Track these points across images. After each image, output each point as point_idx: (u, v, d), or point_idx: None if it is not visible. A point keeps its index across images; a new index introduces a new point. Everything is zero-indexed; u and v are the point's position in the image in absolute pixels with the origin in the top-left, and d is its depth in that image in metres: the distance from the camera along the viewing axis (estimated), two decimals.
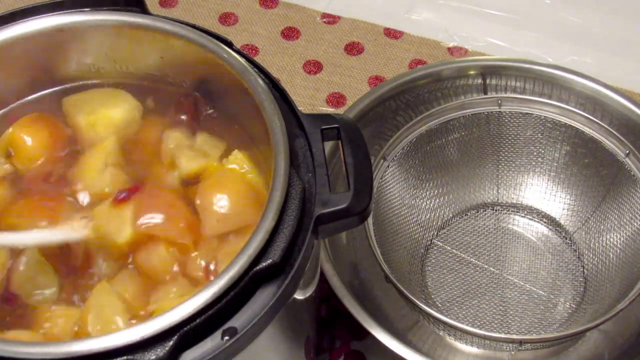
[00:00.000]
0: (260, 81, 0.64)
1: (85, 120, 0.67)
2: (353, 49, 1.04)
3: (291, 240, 0.57)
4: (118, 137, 0.67)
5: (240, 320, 0.55)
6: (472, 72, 0.88)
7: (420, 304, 0.73)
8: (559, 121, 0.84)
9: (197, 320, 0.53)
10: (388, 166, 0.83)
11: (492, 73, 0.88)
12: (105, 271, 0.62)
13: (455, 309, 0.83)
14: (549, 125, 0.85)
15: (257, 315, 0.55)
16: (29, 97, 0.70)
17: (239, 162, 0.65)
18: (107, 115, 0.68)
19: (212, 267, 0.61)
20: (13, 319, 0.60)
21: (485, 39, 1.06)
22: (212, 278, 0.60)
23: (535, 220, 0.89)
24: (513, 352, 0.79)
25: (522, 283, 0.85)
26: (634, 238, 0.81)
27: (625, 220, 0.82)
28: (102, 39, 0.68)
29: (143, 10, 0.68)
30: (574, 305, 0.83)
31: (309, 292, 0.64)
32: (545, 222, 0.89)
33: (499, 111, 0.85)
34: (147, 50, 0.68)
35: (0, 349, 0.51)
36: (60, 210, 0.63)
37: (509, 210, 0.90)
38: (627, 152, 0.81)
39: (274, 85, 0.65)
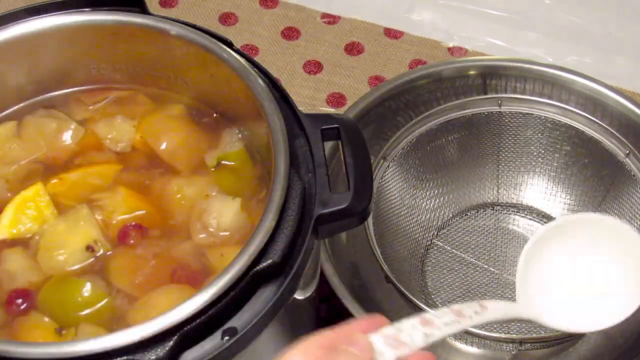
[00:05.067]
0: (260, 81, 0.64)
1: None
2: (353, 49, 1.04)
3: (291, 240, 0.57)
4: None
5: (240, 320, 0.55)
6: (472, 72, 0.88)
7: (420, 304, 0.73)
8: (559, 121, 0.84)
9: (197, 320, 0.53)
10: (388, 166, 0.83)
11: (492, 73, 0.88)
12: None
13: None
14: (549, 125, 0.85)
15: (257, 315, 0.55)
16: (33, 100, 0.71)
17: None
18: None
19: None
20: None
21: (485, 39, 1.05)
22: None
23: (535, 220, 0.89)
24: (513, 352, 0.79)
25: None
26: None
27: (625, 220, 0.82)
28: (103, 39, 0.68)
29: (143, 10, 0.68)
30: None
31: (309, 292, 0.64)
32: (545, 222, 0.89)
33: (499, 111, 0.85)
34: (148, 51, 0.69)
35: (1, 349, 0.51)
36: None
37: (509, 210, 0.90)
38: (627, 152, 0.81)
39: (274, 85, 0.65)
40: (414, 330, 0.48)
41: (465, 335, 0.76)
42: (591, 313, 0.56)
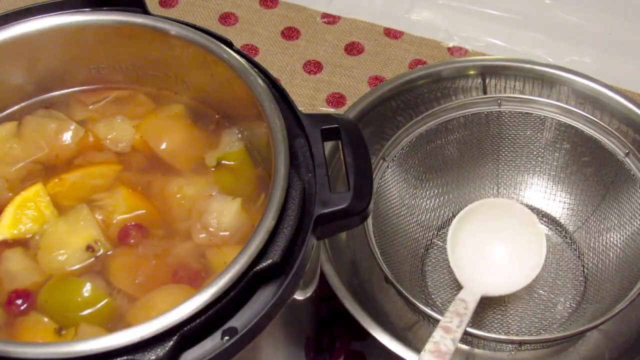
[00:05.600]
0: (260, 81, 0.64)
1: None
2: (353, 49, 1.04)
3: (291, 240, 0.57)
4: None
5: (240, 320, 0.55)
6: (472, 72, 0.88)
7: (420, 305, 0.73)
8: (559, 121, 0.85)
9: (197, 320, 0.53)
10: (388, 166, 0.83)
11: (492, 73, 0.88)
12: None
13: None
14: (548, 125, 0.85)
15: (257, 315, 0.55)
16: (33, 100, 0.71)
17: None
18: None
19: None
20: None
21: (485, 39, 1.06)
22: None
23: None
24: (513, 353, 0.79)
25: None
26: (633, 237, 0.81)
27: (625, 219, 0.82)
28: (102, 39, 0.68)
29: (143, 10, 0.68)
30: (574, 305, 0.83)
31: (309, 292, 0.65)
32: (545, 222, 0.89)
33: (499, 111, 0.85)
34: (147, 51, 0.69)
35: (1, 349, 0.51)
36: None
37: None
38: (627, 151, 0.81)
39: (274, 85, 0.65)
40: (445, 340, 0.61)
41: (465, 335, 0.76)
42: (515, 277, 0.73)
